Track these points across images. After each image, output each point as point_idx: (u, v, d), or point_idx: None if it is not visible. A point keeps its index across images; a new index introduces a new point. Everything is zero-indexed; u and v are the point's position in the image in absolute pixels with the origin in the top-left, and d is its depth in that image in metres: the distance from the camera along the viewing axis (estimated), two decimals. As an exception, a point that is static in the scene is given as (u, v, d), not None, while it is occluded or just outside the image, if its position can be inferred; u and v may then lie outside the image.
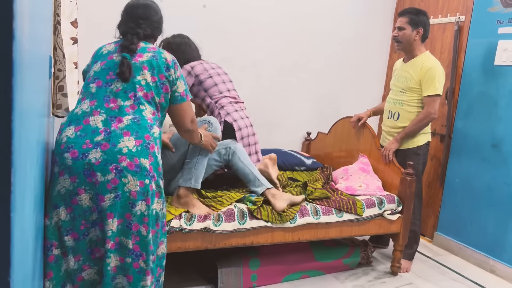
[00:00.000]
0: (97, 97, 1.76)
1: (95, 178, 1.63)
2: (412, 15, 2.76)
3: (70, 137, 1.67)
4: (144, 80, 1.79)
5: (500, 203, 2.96)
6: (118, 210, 1.66)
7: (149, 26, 1.93)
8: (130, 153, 1.65)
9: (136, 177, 1.65)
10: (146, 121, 1.75)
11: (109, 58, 1.85)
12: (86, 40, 2.86)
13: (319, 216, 2.48)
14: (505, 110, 2.95)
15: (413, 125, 2.78)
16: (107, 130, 1.67)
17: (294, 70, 3.70)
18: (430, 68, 2.71)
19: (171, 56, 1.89)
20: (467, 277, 2.92)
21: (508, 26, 2.93)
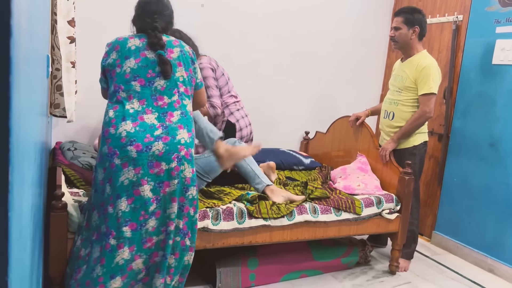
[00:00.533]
0: (145, 97, 1.86)
1: (158, 168, 1.79)
2: (407, 14, 2.76)
3: (130, 132, 1.78)
4: (182, 76, 1.93)
5: (498, 202, 2.97)
6: (177, 196, 1.84)
7: (163, 20, 1.98)
8: (186, 144, 1.85)
9: (190, 164, 1.87)
10: (190, 116, 1.94)
11: (142, 55, 1.89)
12: (83, 40, 2.86)
13: (317, 215, 2.48)
14: (503, 109, 2.95)
15: (408, 124, 2.77)
16: (164, 125, 1.83)
17: (292, 70, 3.70)
18: (425, 67, 2.71)
19: (190, 49, 2.01)
20: (465, 276, 2.93)
21: (506, 26, 2.94)
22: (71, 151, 2.56)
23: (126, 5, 3.02)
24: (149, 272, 1.88)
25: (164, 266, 1.86)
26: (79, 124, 2.87)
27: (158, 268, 1.86)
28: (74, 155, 2.50)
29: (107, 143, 1.79)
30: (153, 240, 1.84)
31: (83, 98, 2.88)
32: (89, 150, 2.68)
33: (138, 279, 1.88)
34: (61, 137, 2.91)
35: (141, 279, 1.89)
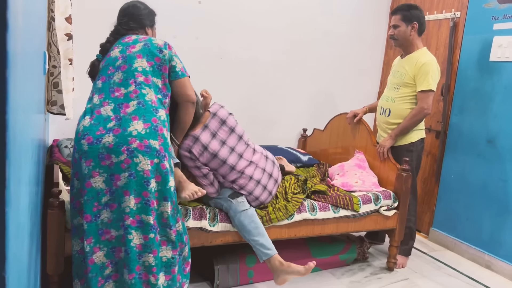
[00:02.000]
0: (103, 91, 1.91)
1: (109, 160, 1.76)
2: (404, 12, 2.77)
3: (85, 126, 1.82)
4: (141, 67, 1.92)
5: (495, 198, 2.98)
6: (134, 188, 1.78)
7: (132, 21, 2.12)
8: (139, 135, 1.78)
9: (147, 156, 1.78)
10: (150, 105, 1.86)
11: (107, 56, 2.02)
12: (80, 36, 2.85)
13: (315, 212, 2.48)
14: (500, 106, 2.96)
15: (406, 121, 2.77)
16: (118, 117, 1.81)
17: (290, 67, 3.70)
18: (424, 63, 2.71)
19: (162, 41, 2.03)
20: (463, 272, 2.94)
21: (503, 22, 2.94)
22: (68, 148, 2.55)
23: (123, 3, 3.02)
24: (117, 268, 1.85)
25: (129, 261, 1.80)
26: (76, 121, 2.85)
27: (124, 263, 1.82)
28: (71, 152, 2.50)
29: (74, 141, 1.88)
30: (112, 233, 1.82)
31: (80, 95, 2.86)
32: (86, 148, 2.67)
33: (106, 275, 1.84)
34: (58, 135, 2.90)
35: (110, 275, 1.85)
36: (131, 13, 2.13)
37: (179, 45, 2.32)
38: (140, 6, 2.18)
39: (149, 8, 2.22)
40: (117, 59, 1.96)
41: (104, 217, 1.80)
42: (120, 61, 1.95)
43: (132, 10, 2.14)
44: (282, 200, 2.46)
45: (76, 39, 2.60)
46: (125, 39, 2.05)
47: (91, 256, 1.79)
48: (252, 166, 2.36)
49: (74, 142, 1.84)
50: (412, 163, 2.81)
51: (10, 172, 0.65)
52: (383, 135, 2.94)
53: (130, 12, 2.13)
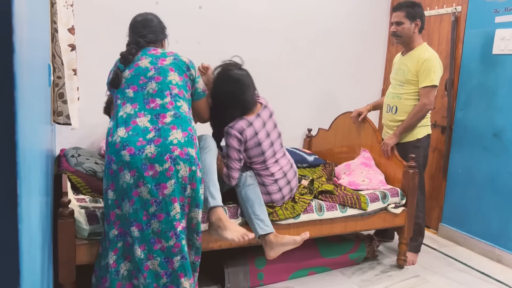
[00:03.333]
0: (137, 100, 1.93)
1: (153, 170, 1.80)
2: (408, 8, 2.74)
3: (123, 137, 1.84)
4: (174, 79, 1.98)
5: (503, 192, 2.96)
6: (176, 196, 1.84)
7: (151, 34, 2.14)
8: (180, 144, 1.84)
9: (187, 163, 1.85)
10: (185, 116, 1.94)
11: (135, 66, 2.02)
12: (84, 47, 2.87)
13: (323, 212, 2.48)
14: (505, 99, 2.95)
15: (410, 118, 2.77)
16: (156, 127, 1.86)
17: (292, 67, 3.70)
18: (427, 59, 2.70)
19: (188, 58, 2.10)
20: (474, 267, 2.93)
21: (505, 15, 2.93)
22: (74, 157, 2.57)
23: (124, 12, 3.04)
24: (172, 280, 1.87)
25: (187, 267, 1.87)
26: (82, 130, 2.88)
27: (181, 273, 1.86)
28: (78, 161, 2.52)
29: (106, 151, 1.90)
30: (163, 243, 1.84)
31: (85, 104, 2.89)
32: (92, 156, 2.69)
33: (162, 284, 1.86)
34: (65, 144, 2.92)
35: (165, 285, 1.86)
36: (149, 25, 2.15)
37: (182, 50, 2.33)
38: (154, 19, 2.20)
39: (161, 21, 2.25)
40: (148, 69, 1.98)
41: (154, 227, 1.83)
42: (153, 72, 1.97)
43: (149, 23, 2.16)
44: (290, 201, 2.46)
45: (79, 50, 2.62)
46: (150, 50, 2.07)
47: (146, 262, 1.84)
48: (277, 166, 2.42)
49: (111, 153, 1.84)
50: (419, 159, 2.80)
51: (21, 190, 0.66)
52: (389, 132, 2.94)
53: (148, 24, 2.16)
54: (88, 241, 1.98)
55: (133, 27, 2.16)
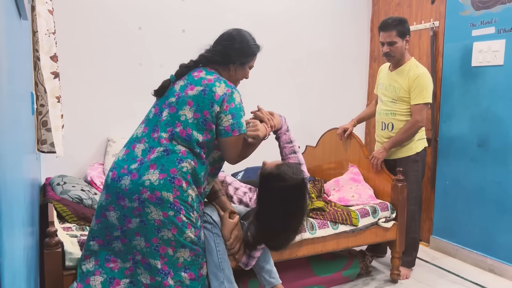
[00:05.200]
0: (149, 125, 1.84)
1: (124, 202, 1.72)
2: (399, 27, 2.71)
3: (118, 159, 1.81)
4: (185, 116, 1.77)
5: (492, 201, 2.98)
6: (145, 234, 1.72)
7: (218, 53, 1.91)
8: (151, 186, 1.68)
9: (159, 208, 1.69)
10: (176, 155, 1.73)
11: (173, 85, 1.89)
12: (67, 74, 2.86)
13: (315, 231, 2.47)
14: (487, 109, 3.00)
15: (401, 134, 2.77)
16: (142, 160, 1.74)
17: (278, 87, 3.73)
18: (419, 76, 2.71)
19: (224, 90, 1.79)
20: (467, 278, 2.92)
21: (481, 28, 3.01)
22: (60, 185, 2.53)
23: (106, 39, 3.05)
24: None
25: None
26: (67, 158, 2.84)
27: None
28: (64, 189, 2.48)
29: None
30: (118, 263, 1.78)
31: (69, 132, 2.87)
32: (78, 183, 2.65)
33: None
34: (50, 172, 2.88)
35: None
36: (222, 44, 1.92)
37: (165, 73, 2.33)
38: (236, 37, 1.92)
39: (250, 42, 1.96)
40: (173, 95, 1.83)
41: (115, 246, 1.79)
42: (174, 100, 1.81)
43: (225, 40, 1.93)
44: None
45: (62, 77, 2.61)
46: (196, 71, 1.88)
47: (90, 276, 1.77)
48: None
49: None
50: (418, 173, 2.84)
51: (2, 222, 0.65)
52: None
53: (223, 41, 1.93)
54: (76, 271, 1.93)
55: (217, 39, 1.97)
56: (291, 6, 3.71)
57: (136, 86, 3.17)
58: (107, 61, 3.07)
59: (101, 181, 2.84)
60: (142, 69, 3.19)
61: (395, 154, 2.86)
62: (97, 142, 3.10)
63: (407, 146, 2.82)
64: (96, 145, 3.10)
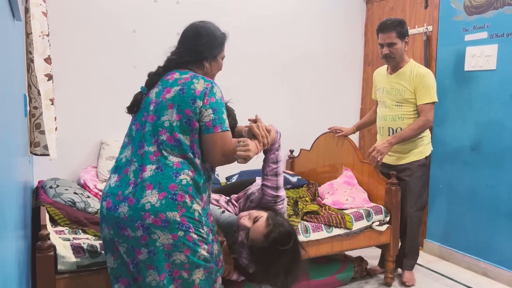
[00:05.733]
0: (134, 143, 1.68)
1: (127, 232, 1.57)
2: (398, 28, 2.66)
3: (111, 186, 1.65)
4: (168, 121, 1.62)
5: (485, 205, 3.00)
6: (156, 266, 1.56)
7: (187, 52, 1.77)
8: (153, 209, 1.53)
9: (167, 231, 1.54)
10: (170, 168, 1.58)
11: (146, 95, 1.74)
12: (61, 76, 2.85)
13: (309, 234, 2.47)
14: (480, 113, 3.02)
15: (410, 130, 2.68)
16: (135, 182, 1.59)
17: (272, 90, 3.74)
18: (424, 75, 2.68)
19: (204, 85, 1.66)
20: (460, 281, 2.93)
21: (473, 33, 3.03)
22: (53, 188, 2.51)
23: (102, 41, 3.04)
24: None
25: None
26: (60, 161, 2.83)
27: None
28: (56, 192, 2.46)
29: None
30: None
31: (63, 134, 2.85)
32: (71, 186, 2.63)
33: None
34: (43, 175, 2.85)
35: None
36: (189, 41, 1.78)
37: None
38: (202, 32, 1.78)
39: (216, 33, 1.82)
40: (150, 104, 1.69)
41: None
42: (152, 108, 1.67)
43: (191, 37, 1.78)
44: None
45: (55, 80, 2.60)
46: (168, 75, 1.74)
47: None
48: None
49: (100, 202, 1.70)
50: (425, 177, 2.82)
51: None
52: (393, 154, 2.84)
53: (189, 39, 1.78)
54: (69, 275, 1.92)
55: (179, 39, 1.84)
56: (285, 10, 3.72)
57: (130, 89, 3.12)
58: (101, 63, 3.06)
59: (94, 184, 2.82)
60: (137, 72, 3.18)
61: (407, 158, 2.80)
62: (91, 145, 3.08)
63: (418, 150, 2.78)
64: (89, 148, 3.08)
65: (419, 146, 2.78)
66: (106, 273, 1.96)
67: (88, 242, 1.97)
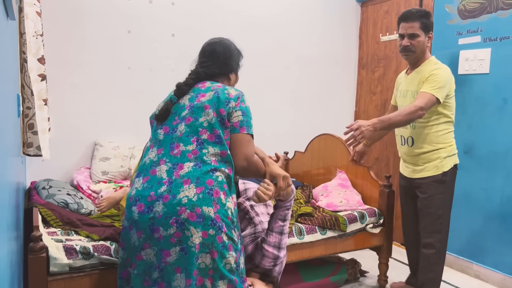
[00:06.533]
0: (164, 145, 1.69)
1: (158, 234, 1.55)
2: (423, 19, 2.32)
3: (138, 189, 1.63)
4: (207, 121, 1.67)
5: (478, 208, 3.02)
6: (186, 267, 1.53)
7: (215, 64, 1.87)
8: (190, 203, 1.53)
9: (199, 227, 1.53)
10: (208, 165, 1.61)
11: (177, 102, 1.78)
12: (54, 77, 2.84)
13: (303, 236, 2.47)
14: (473, 117, 3.04)
15: (398, 114, 2.24)
16: (170, 180, 1.59)
17: (267, 93, 3.74)
18: (439, 68, 2.29)
19: (237, 92, 1.77)
20: (453, 284, 2.94)
21: (467, 37, 3.06)
22: (46, 189, 2.50)
23: (95, 42, 3.03)
24: None
25: None
26: (53, 162, 2.81)
27: None
28: (49, 193, 2.44)
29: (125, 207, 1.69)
30: None
31: (56, 135, 2.84)
32: (64, 187, 2.62)
33: None
34: (35, 176, 2.84)
35: None
36: (217, 56, 1.88)
37: (154, 78, 2.33)
38: (231, 46, 1.94)
39: (238, 49, 1.98)
40: (184, 108, 1.73)
41: None
42: (187, 112, 1.71)
43: (218, 52, 1.89)
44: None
45: (48, 80, 2.59)
46: (199, 84, 1.81)
47: None
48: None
49: (126, 208, 1.65)
50: (444, 196, 2.37)
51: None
52: (408, 166, 2.50)
53: (216, 54, 1.89)
54: (61, 277, 1.90)
55: (201, 53, 1.93)
56: (280, 13, 3.73)
57: (125, 90, 3.16)
58: (96, 64, 3.05)
59: (88, 185, 2.80)
60: (131, 73, 3.18)
61: (420, 172, 2.41)
62: (84, 146, 3.07)
63: (433, 164, 2.36)
64: (83, 149, 3.07)
65: (434, 159, 2.36)
66: (98, 275, 1.96)
67: (81, 243, 1.96)
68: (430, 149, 2.36)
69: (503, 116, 2.87)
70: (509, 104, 2.84)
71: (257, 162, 1.77)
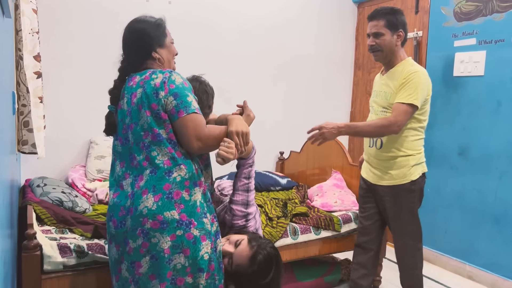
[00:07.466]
0: (124, 158, 1.65)
1: (129, 246, 1.56)
2: (389, 16, 2.19)
3: (110, 205, 1.65)
4: (145, 123, 1.57)
5: (472, 209, 3.04)
6: (158, 273, 1.54)
7: (134, 55, 1.71)
8: (150, 212, 1.52)
9: (165, 233, 1.52)
10: (162, 169, 1.56)
11: (119, 108, 1.68)
12: (50, 74, 2.83)
13: (297, 236, 2.48)
14: (468, 118, 3.06)
15: (369, 125, 2.18)
16: (132, 192, 1.58)
17: (263, 92, 3.75)
18: (414, 72, 2.15)
19: (162, 76, 1.60)
20: (446, 285, 2.96)
21: (462, 39, 3.08)
22: (40, 187, 2.49)
23: (92, 38, 3.02)
24: None
25: None
26: (48, 160, 2.80)
27: None
28: (44, 191, 2.43)
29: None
30: None
31: (51, 133, 2.83)
32: (59, 185, 2.61)
33: None
34: (30, 174, 2.83)
35: None
36: (128, 45, 1.71)
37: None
38: (137, 30, 1.71)
39: (152, 23, 1.76)
40: (126, 114, 1.64)
41: None
42: (129, 118, 1.62)
43: (127, 40, 1.71)
44: (267, 227, 2.44)
45: (44, 77, 2.58)
46: (130, 81, 1.67)
47: None
48: None
49: (106, 221, 1.67)
50: (413, 205, 2.28)
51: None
52: (373, 171, 2.34)
53: (127, 43, 1.71)
54: (55, 275, 1.90)
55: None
56: (277, 13, 3.74)
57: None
58: (92, 62, 3.04)
59: (83, 183, 2.80)
60: (127, 71, 3.17)
61: (385, 179, 2.28)
62: (79, 144, 3.06)
63: (399, 172, 2.23)
64: (78, 147, 3.06)
65: (402, 166, 2.23)
66: (92, 274, 1.96)
67: (75, 242, 1.96)
68: (399, 154, 2.22)
69: (497, 118, 2.89)
70: (503, 106, 2.86)
71: (211, 133, 1.62)
